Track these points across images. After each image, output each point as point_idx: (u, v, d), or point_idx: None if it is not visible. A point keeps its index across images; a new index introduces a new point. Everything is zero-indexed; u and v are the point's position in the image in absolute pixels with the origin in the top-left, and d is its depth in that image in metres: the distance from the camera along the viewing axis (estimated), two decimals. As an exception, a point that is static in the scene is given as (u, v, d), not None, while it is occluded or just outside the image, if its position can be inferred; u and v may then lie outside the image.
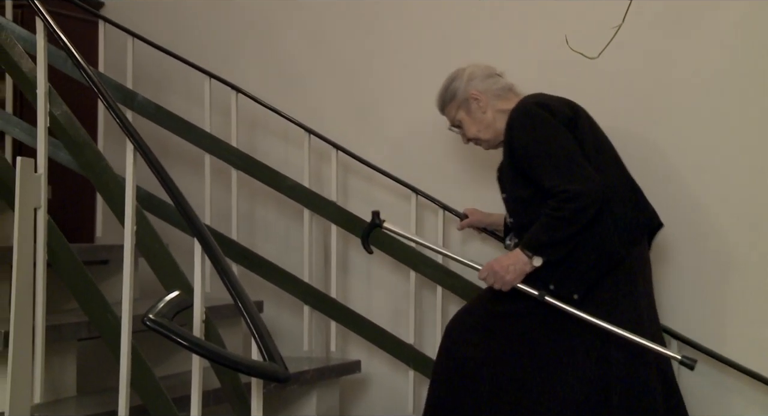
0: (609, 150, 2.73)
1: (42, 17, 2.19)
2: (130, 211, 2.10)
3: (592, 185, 2.54)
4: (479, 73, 2.82)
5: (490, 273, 2.62)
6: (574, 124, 2.66)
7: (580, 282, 2.58)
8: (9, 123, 3.14)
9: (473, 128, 2.82)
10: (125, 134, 2.07)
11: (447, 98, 2.84)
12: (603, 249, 2.58)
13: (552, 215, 2.54)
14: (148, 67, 3.69)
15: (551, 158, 2.58)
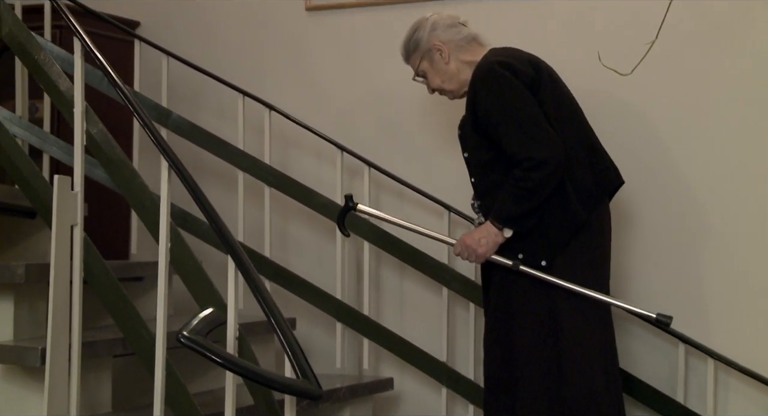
0: (570, 108, 2.72)
1: (79, 37, 2.22)
2: (165, 228, 2.12)
3: (555, 151, 2.55)
4: (442, 23, 2.80)
5: (463, 248, 2.66)
6: (537, 83, 2.65)
7: (547, 249, 2.61)
8: (46, 142, 3.18)
9: (437, 78, 2.82)
10: (160, 152, 2.09)
11: (411, 48, 2.83)
12: (565, 214, 2.60)
13: (518, 186, 2.55)
14: (183, 86, 3.73)
15: (514, 123, 2.58)
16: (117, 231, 3.57)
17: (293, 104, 3.58)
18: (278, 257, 3.49)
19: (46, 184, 2.39)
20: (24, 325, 2.39)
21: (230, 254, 1.98)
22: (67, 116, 2.35)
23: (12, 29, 2.38)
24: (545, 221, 2.61)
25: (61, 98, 2.39)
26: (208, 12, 3.84)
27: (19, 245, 2.99)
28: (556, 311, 2.61)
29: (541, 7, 3.35)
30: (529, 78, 2.64)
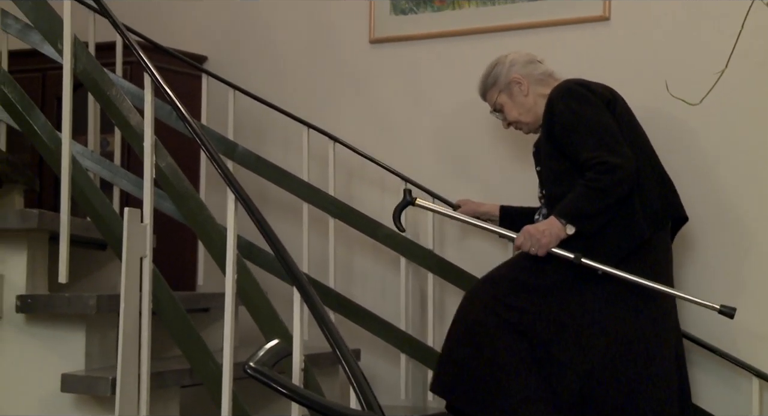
0: (642, 138, 2.77)
1: (150, 73, 2.27)
2: (231, 260, 2.14)
3: (629, 161, 2.59)
4: (520, 60, 2.92)
5: (527, 237, 2.65)
6: (612, 106, 2.73)
7: (606, 258, 2.61)
8: (117, 175, 3.25)
9: (514, 111, 2.91)
10: (227, 184, 2.12)
11: (489, 83, 2.94)
12: (629, 228, 2.62)
13: (589, 185, 2.58)
14: (249, 118, 3.79)
15: (590, 130, 2.64)
16: (184, 262, 3.62)
17: (357, 136, 3.60)
18: (342, 288, 3.50)
19: (117, 216, 2.44)
20: (95, 355, 2.43)
21: (295, 285, 1.99)
22: (137, 149, 2.40)
23: (86, 67, 2.45)
24: (608, 231, 2.62)
25: (131, 133, 2.44)
26: (274, 46, 3.90)
27: (90, 276, 3.04)
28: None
29: (608, 35, 3.34)
30: (605, 99, 2.73)
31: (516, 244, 2.70)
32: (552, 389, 2.59)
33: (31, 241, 2.45)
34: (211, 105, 3.59)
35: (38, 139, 2.50)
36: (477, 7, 3.53)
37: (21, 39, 3.24)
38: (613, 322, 2.60)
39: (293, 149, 3.68)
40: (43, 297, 2.37)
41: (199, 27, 4.03)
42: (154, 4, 4.08)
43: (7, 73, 2.55)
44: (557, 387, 2.58)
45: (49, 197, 3.65)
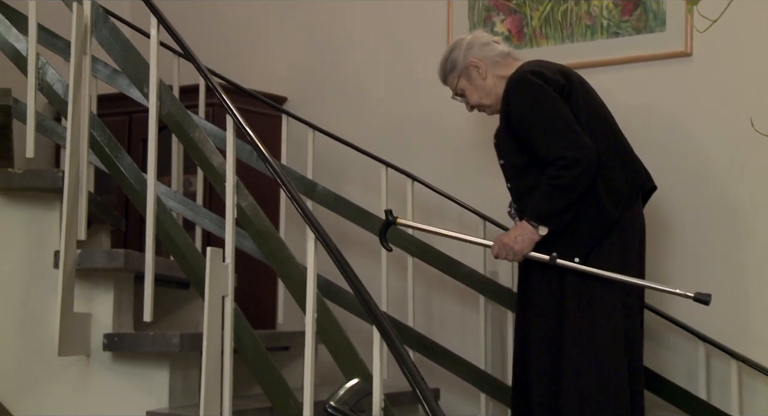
0: (601, 115, 2.80)
1: (232, 115, 2.32)
2: (311, 298, 2.15)
3: (587, 151, 2.63)
4: (477, 42, 2.93)
5: (501, 247, 2.73)
6: (568, 91, 2.75)
7: (580, 246, 2.67)
8: (199, 214, 3.31)
9: (475, 95, 2.93)
10: (306, 223, 2.14)
11: (448, 68, 2.96)
12: (597, 213, 2.68)
13: (552, 184, 2.64)
14: (328, 158, 3.82)
15: (547, 125, 2.68)
16: (264, 301, 3.65)
17: (435, 174, 3.61)
18: (422, 327, 3.48)
19: (199, 256, 2.48)
20: (178, 393, 2.46)
21: (375, 324, 1.99)
22: (220, 189, 2.44)
23: (171, 109, 2.51)
24: (578, 219, 2.68)
25: (213, 173, 2.48)
26: (352, 85, 3.94)
27: (173, 314, 3.10)
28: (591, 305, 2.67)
29: (691, 71, 3.29)
30: (559, 86, 2.75)
31: (492, 253, 2.78)
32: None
33: (118, 280, 2.51)
34: (291, 145, 3.64)
35: (125, 180, 2.57)
36: (555, 44, 3.52)
37: (109, 84, 3.35)
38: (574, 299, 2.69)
39: (372, 187, 3.70)
40: (129, 336, 2.41)
41: (278, 69, 4.10)
42: (235, 48, 4.18)
43: (96, 117, 2.63)
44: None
45: (134, 237, 3.74)
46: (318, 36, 4.03)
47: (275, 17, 4.13)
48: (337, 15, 3.99)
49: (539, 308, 2.74)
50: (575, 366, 2.63)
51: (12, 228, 2.50)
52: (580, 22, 3.48)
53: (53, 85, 2.61)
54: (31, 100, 2.54)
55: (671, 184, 3.22)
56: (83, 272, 2.43)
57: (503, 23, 3.62)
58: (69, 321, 2.31)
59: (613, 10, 3.43)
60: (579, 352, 2.64)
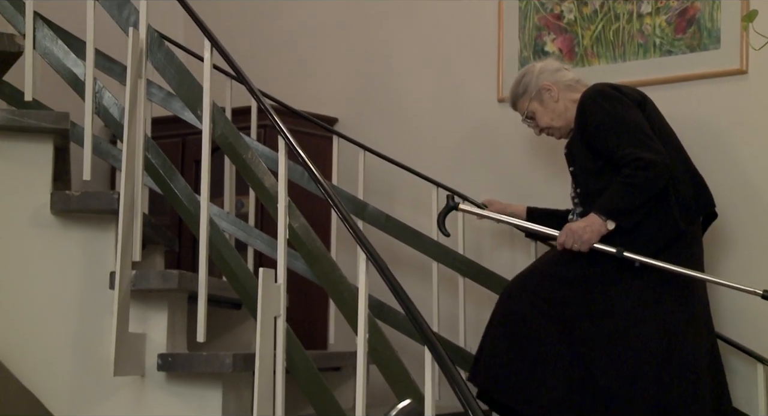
0: (673, 138, 2.87)
1: (284, 136, 2.34)
2: (363, 319, 2.15)
3: (663, 156, 2.69)
4: (548, 68, 3.03)
5: (569, 234, 2.74)
6: (642, 107, 2.83)
7: (642, 251, 2.69)
8: (251, 235, 3.33)
9: (546, 117, 3.02)
10: (357, 244, 2.15)
11: (519, 92, 3.05)
12: (665, 221, 2.72)
13: (626, 182, 2.68)
14: (379, 178, 3.83)
15: (624, 127, 2.74)
16: (316, 322, 3.66)
17: (486, 194, 3.59)
18: (473, 347, 3.45)
19: (252, 276, 2.49)
20: (231, 413, 2.47)
21: (426, 344, 1.98)
22: (271, 211, 2.46)
23: (224, 131, 2.54)
24: (645, 224, 2.71)
25: (265, 194, 2.50)
26: (402, 106, 3.95)
27: (226, 335, 3.12)
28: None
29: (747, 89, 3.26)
30: (634, 99, 2.84)
31: (559, 242, 2.79)
32: (593, 385, 2.67)
33: (172, 301, 2.53)
34: (342, 165, 3.66)
35: (178, 201, 2.60)
36: (607, 63, 3.50)
37: (163, 107, 3.40)
38: (654, 320, 2.69)
39: (422, 207, 3.70)
40: (183, 356, 2.43)
41: (330, 90, 4.13)
42: (287, 69, 4.22)
43: (150, 140, 2.67)
44: (599, 382, 2.67)
45: (187, 257, 3.78)
46: (368, 57, 4.06)
47: (326, 39, 4.17)
48: (388, 37, 4.01)
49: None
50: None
51: (69, 249, 2.54)
52: (632, 40, 3.45)
53: (109, 108, 2.66)
54: (88, 123, 2.59)
55: (727, 202, 3.17)
56: (138, 292, 2.46)
57: (554, 43, 3.61)
58: (124, 342, 2.33)
59: (666, 28, 3.40)
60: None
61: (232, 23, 4.32)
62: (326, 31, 4.17)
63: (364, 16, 4.09)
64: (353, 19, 4.11)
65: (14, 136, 2.56)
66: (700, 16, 3.33)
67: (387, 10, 4.02)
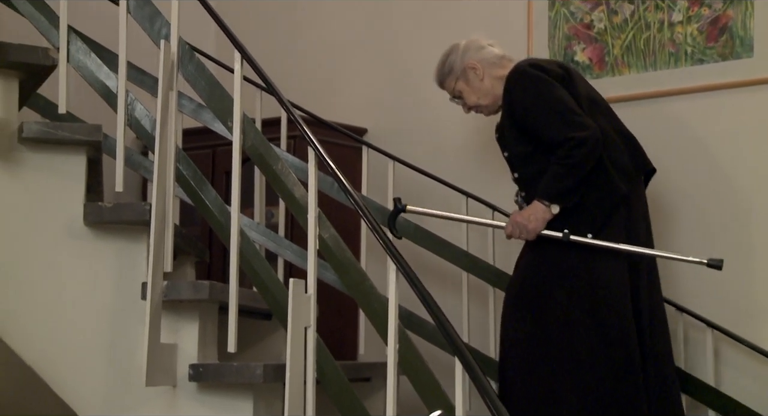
0: (599, 101, 2.94)
1: (313, 147, 2.35)
2: (393, 329, 2.15)
3: (593, 130, 2.74)
4: (473, 45, 3.05)
5: (514, 226, 2.82)
6: (567, 81, 2.87)
7: (591, 222, 2.77)
8: (281, 246, 3.34)
9: (473, 96, 3.06)
10: (388, 255, 2.15)
11: (445, 72, 3.08)
12: (606, 188, 2.79)
13: (562, 164, 2.73)
14: (408, 188, 3.83)
15: (551, 110, 2.79)
16: (346, 332, 3.66)
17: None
18: (504, 359, 3.44)
19: (282, 287, 2.50)
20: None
21: (457, 355, 1.98)
22: (301, 221, 2.46)
23: (254, 142, 2.55)
24: (588, 197, 2.78)
25: (295, 205, 2.51)
26: (431, 116, 3.95)
27: (256, 345, 3.13)
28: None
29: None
30: (558, 75, 2.87)
31: (506, 233, 2.86)
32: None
33: (203, 311, 2.54)
34: (372, 176, 3.66)
35: (209, 212, 2.61)
36: (638, 72, 3.48)
37: (194, 118, 3.43)
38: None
39: (452, 218, 3.69)
40: (214, 366, 2.44)
41: (359, 100, 4.14)
42: (316, 80, 4.23)
43: (181, 151, 2.69)
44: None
45: (218, 268, 3.79)
46: (397, 67, 4.06)
47: (355, 49, 4.18)
48: (417, 47, 4.01)
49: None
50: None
51: (102, 260, 2.57)
52: (663, 49, 3.43)
53: (141, 120, 2.68)
54: (120, 135, 2.61)
55: (760, 213, 3.14)
56: (169, 303, 2.47)
57: (584, 52, 3.59)
58: (156, 352, 2.35)
59: (697, 37, 3.37)
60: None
61: (262, 35, 4.34)
62: (355, 41, 4.18)
63: (392, 27, 4.09)
64: (382, 30, 4.12)
65: (48, 148, 2.59)
66: (733, 25, 3.31)
67: (415, 20, 4.03)
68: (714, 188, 3.32)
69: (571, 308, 2.75)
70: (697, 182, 3.36)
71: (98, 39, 3.17)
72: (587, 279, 2.77)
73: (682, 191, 3.37)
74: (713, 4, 3.36)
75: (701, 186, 3.35)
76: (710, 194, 3.32)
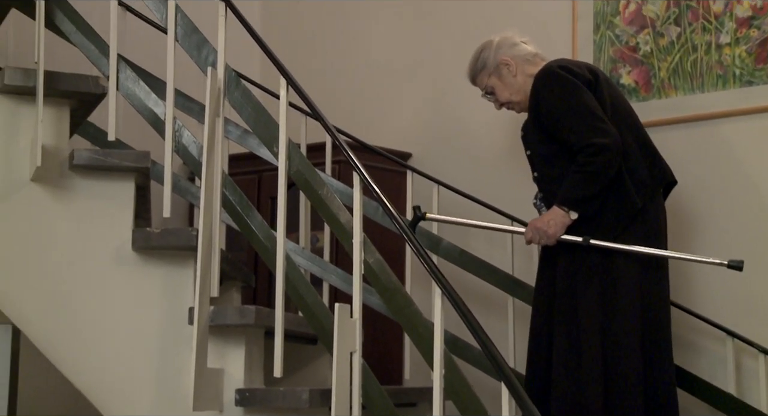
0: (625, 112, 2.94)
1: (358, 172, 2.35)
2: (439, 354, 2.14)
3: (614, 138, 2.76)
4: (506, 42, 3.07)
5: (534, 231, 2.84)
6: (594, 85, 2.88)
7: (605, 234, 2.79)
8: (326, 271, 3.35)
9: (506, 92, 3.07)
10: (433, 279, 2.14)
11: (478, 68, 3.09)
12: (622, 201, 2.80)
13: (582, 170, 2.75)
14: (452, 212, 3.81)
15: (575, 114, 2.80)
16: (391, 357, 3.65)
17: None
18: (551, 384, 3.40)
19: (327, 312, 2.50)
20: (307, 448, 2.47)
21: (503, 380, 1.96)
22: (346, 246, 2.47)
23: (299, 167, 2.56)
24: (604, 208, 2.80)
25: (341, 230, 2.51)
26: (475, 141, 3.95)
27: (302, 370, 3.13)
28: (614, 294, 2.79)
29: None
30: (586, 79, 2.88)
31: (526, 239, 2.89)
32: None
33: (249, 336, 2.55)
34: (416, 200, 3.65)
35: (255, 237, 2.63)
36: (685, 95, 3.44)
37: (240, 144, 3.46)
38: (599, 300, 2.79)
39: (497, 242, 3.67)
40: (260, 391, 2.44)
41: (403, 125, 4.15)
42: (361, 105, 4.26)
43: (228, 177, 2.71)
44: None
45: (263, 292, 3.81)
46: (441, 92, 4.07)
47: (399, 74, 4.20)
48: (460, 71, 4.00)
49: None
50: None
51: (150, 285, 2.59)
52: (710, 71, 3.40)
53: (188, 147, 2.71)
54: (168, 162, 2.64)
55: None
56: (216, 328, 2.48)
57: (629, 75, 3.57)
58: (203, 377, 2.36)
59: (746, 59, 3.34)
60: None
61: (306, 59, 4.38)
62: (399, 66, 4.20)
63: (436, 52, 4.11)
64: (426, 55, 4.14)
65: (98, 175, 2.63)
66: (782, 46, 3.27)
67: (459, 45, 4.03)
68: (763, 214, 3.27)
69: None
70: (742, 205, 3.30)
71: (146, 67, 3.22)
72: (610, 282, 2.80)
73: (728, 215, 3.32)
74: (762, 25, 3.32)
75: (745, 209, 3.29)
76: (760, 220, 3.26)
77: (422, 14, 4.17)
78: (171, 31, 2.69)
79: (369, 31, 4.32)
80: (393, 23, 4.26)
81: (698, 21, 3.43)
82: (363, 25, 4.35)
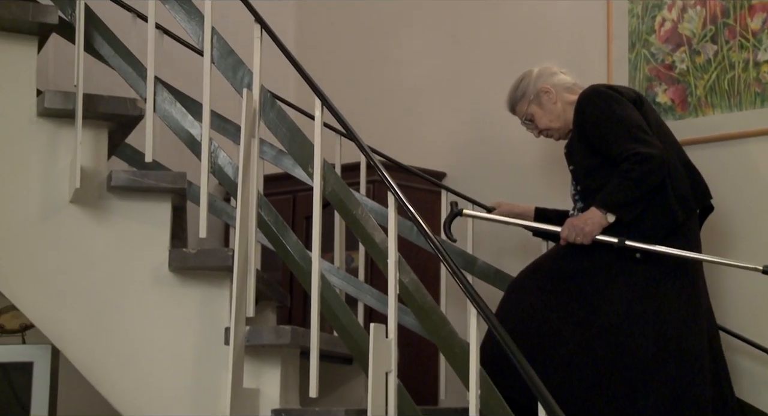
0: (668, 134, 2.97)
1: (393, 192, 2.36)
2: (474, 374, 2.13)
3: (659, 150, 2.78)
4: (545, 72, 3.13)
5: (571, 228, 2.84)
6: (639, 105, 2.92)
7: (642, 242, 2.76)
8: (361, 290, 3.35)
9: (545, 119, 3.12)
10: (468, 299, 2.13)
11: (518, 96, 3.16)
12: (664, 213, 2.80)
13: (625, 176, 2.76)
14: (487, 232, 3.81)
15: (620, 124, 2.83)
16: (426, 377, 3.63)
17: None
18: (588, 405, 3.36)
19: (363, 332, 2.50)
20: (343, 469, 2.47)
21: (540, 400, 1.95)
22: (381, 266, 2.47)
23: (334, 187, 2.57)
24: (644, 217, 2.80)
25: (376, 249, 2.52)
26: (510, 160, 3.94)
27: (337, 390, 3.13)
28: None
29: None
30: (631, 98, 2.93)
31: (562, 236, 2.88)
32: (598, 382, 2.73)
33: (285, 356, 2.56)
34: (450, 219, 3.65)
35: (290, 257, 2.64)
36: (722, 113, 3.41)
37: (275, 164, 3.48)
38: (652, 316, 2.74)
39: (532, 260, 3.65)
40: (296, 411, 2.44)
41: (437, 145, 4.16)
42: (395, 125, 4.27)
43: (263, 197, 2.73)
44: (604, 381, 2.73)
45: (298, 312, 3.82)
46: (476, 111, 4.07)
47: (433, 94, 4.21)
48: (495, 90, 4.01)
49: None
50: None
51: (186, 305, 2.61)
52: (748, 89, 3.36)
53: (224, 167, 2.73)
54: (204, 182, 2.66)
55: None
56: (252, 348, 2.49)
57: (665, 93, 3.55)
58: (239, 397, 2.36)
59: (785, 76, 3.31)
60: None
61: (341, 81, 4.40)
62: (433, 86, 4.21)
63: (471, 71, 4.11)
64: (460, 74, 4.14)
65: (135, 196, 2.66)
66: (820, 63, 3.23)
67: (494, 64, 4.04)
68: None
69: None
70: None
71: (183, 89, 3.25)
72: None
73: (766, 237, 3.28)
74: (800, 42, 3.30)
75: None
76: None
77: (456, 35, 4.18)
78: (207, 53, 2.72)
79: (402, 52, 4.33)
80: (426, 43, 4.27)
81: (735, 39, 3.41)
82: (396, 46, 4.36)
